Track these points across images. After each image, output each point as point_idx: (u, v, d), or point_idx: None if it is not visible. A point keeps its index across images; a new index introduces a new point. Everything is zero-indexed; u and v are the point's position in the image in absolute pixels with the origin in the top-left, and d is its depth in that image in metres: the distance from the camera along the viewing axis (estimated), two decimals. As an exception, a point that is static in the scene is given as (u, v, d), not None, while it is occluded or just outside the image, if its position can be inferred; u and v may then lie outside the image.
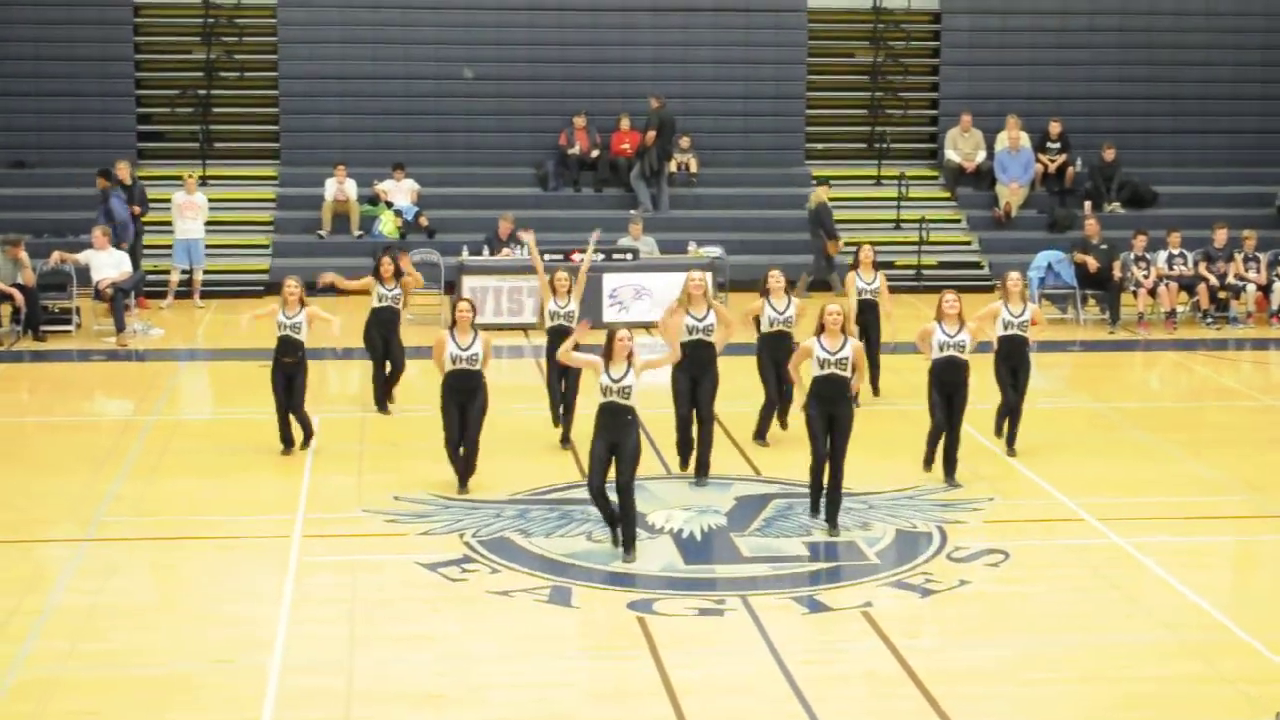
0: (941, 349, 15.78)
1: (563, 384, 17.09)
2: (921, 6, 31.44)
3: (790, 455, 16.55)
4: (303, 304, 16.83)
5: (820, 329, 14.41)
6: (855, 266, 19.32)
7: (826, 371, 14.29)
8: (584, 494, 14.22)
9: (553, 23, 30.51)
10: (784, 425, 17.60)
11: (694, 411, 16.03)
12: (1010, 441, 17.04)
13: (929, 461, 16.20)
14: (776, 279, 17.00)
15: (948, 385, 15.82)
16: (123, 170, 26.33)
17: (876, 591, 12.97)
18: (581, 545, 13.94)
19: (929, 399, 16.00)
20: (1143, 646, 11.94)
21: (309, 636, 11.93)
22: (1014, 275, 17.08)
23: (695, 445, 16.11)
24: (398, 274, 18.78)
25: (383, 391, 18.72)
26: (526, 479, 15.92)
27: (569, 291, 17.14)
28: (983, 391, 16.90)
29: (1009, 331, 16.85)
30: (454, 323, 15.56)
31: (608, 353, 13.66)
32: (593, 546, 13.92)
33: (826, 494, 14.44)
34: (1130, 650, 11.85)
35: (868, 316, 19.03)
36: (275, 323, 16.79)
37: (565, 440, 17.16)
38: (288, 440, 16.78)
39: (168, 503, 15.33)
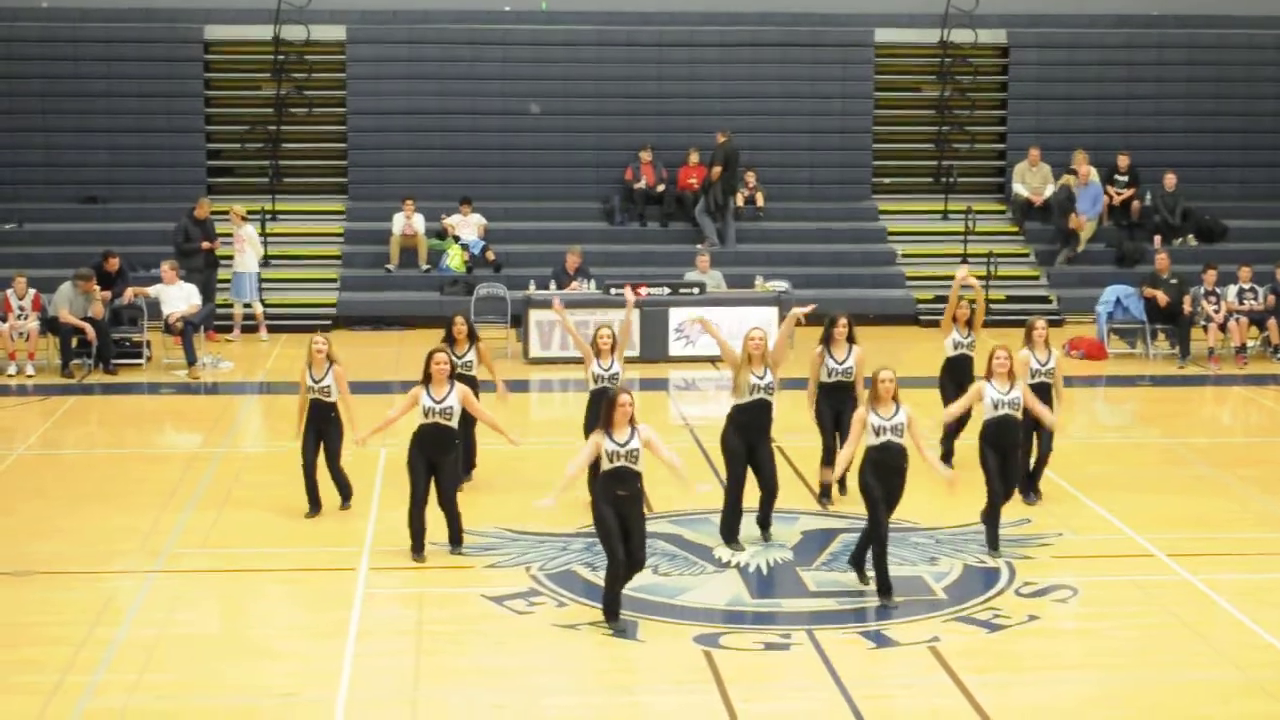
0: (996, 408, 14.67)
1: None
2: (989, 41, 31.35)
3: (856, 490, 16.28)
4: (330, 361, 15.70)
5: (875, 396, 13.39)
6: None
7: (883, 440, 13.45)
8: (651, 527, 14.10)
9: (620, 57, 30.63)
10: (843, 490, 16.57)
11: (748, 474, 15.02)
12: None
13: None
14: (842, 327, 16.02)
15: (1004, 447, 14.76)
16: (202, 208, 26.57)
17: (943, 627, 12.90)
18: (647, 578, 13.85)
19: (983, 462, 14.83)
20: (1211, 684, 11.82)
21: (374, 670, 11.95)
22: (1040, 322, 16.26)
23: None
24: (472, 336, 16.76)
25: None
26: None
27: (612, 351, 15.99)
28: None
29: (1036, 380, 15.98)
30: (428, 377, 14.45)
31: (608, 420, 12.70)
32: (659, 580, 13.90)
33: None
34: (1199, 687, 11.74)
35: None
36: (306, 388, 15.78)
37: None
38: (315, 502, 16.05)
39: (235, 535, 15.42)
